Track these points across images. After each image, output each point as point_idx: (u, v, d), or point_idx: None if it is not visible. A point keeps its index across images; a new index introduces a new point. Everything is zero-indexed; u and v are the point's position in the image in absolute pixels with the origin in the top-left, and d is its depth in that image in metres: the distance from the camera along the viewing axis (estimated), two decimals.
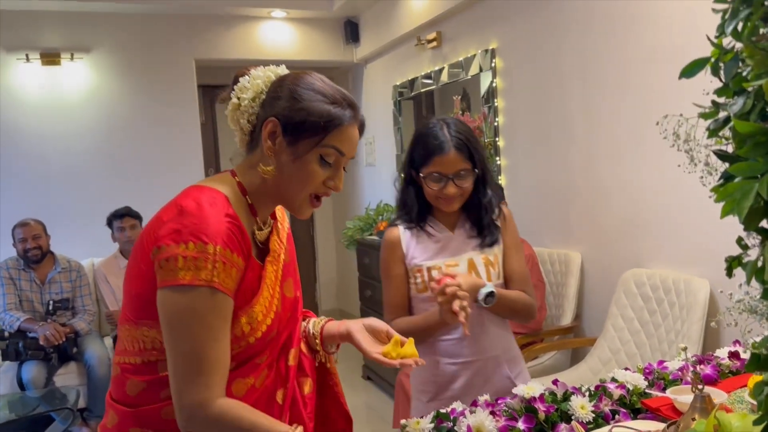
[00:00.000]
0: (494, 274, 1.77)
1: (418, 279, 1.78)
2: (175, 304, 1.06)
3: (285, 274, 1.26)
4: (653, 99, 2.66)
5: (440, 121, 1.75)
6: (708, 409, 0.98)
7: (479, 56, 3.86)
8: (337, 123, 1.15)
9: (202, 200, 1.11)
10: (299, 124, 1.14)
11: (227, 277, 1.08)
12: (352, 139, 1.19)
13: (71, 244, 4.35)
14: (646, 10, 2.67)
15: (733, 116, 0.63)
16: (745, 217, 0.61)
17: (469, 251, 1.77)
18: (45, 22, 4.65)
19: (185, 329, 1.06)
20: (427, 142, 1.72)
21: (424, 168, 1.72)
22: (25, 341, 3.69)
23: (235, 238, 1.10)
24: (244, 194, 1.19)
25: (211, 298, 1.06)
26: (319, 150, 1.15)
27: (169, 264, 1.05)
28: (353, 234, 4.83)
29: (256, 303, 1.15)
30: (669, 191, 2.61)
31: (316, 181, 1.17)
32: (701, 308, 2.40)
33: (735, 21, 0.65)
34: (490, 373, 1.75)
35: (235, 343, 1.13)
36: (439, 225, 1.81)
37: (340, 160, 1.19)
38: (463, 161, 1.70)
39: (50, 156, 4.69)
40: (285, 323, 1.24)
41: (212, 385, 1.06)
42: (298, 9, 5.13)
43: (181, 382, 1.06)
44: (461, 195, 1.73)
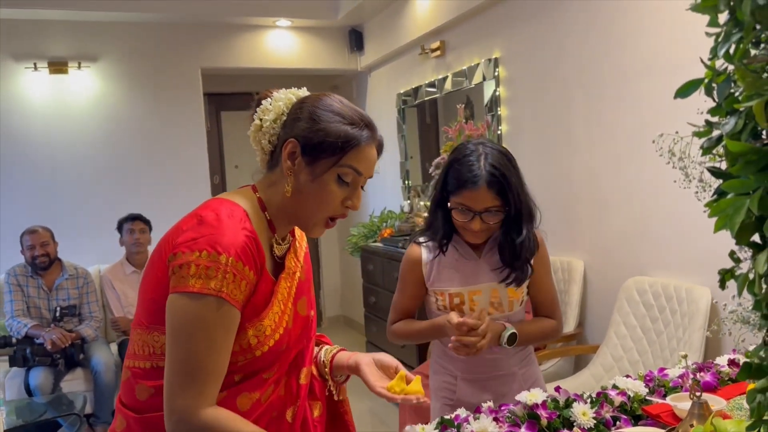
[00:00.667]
0: (516, 303, 1.76)
1: (440, 301, 1.77)
2: (182, 309, 1.08)
3: (299, 292, 1.28)
4: (655, 108, 2.69)
5: (479, 146, 1.66)
6: (705, 415, 1.00)
7: (482, 65, 3.90)
8: (354, 143, 1.18)
9: (222, 212, 1.14)
10: (318, 144, 1.17)
11: (236, 289, 1.10)
12: (370, 158, 1.22)
13: (78, 251, 4.38)
14: (647, 20, 2.70)
15: (725, 135, 0.66)
16: (736, 231, 0.64)
17: (494, 281, 1.73)
18: (52, 31, 4.71)
19: (187, 335, 1.08)
20: (460, 171, 1.64)
21: (453, 197, 1.66)
22: (32, 347, 3.72)
23: (250, 251, 1.12)
24: (264, 210, 1.22)
25: (217, 309, 1.08)
26: (337, 170, 1.18)
27: (182, 270, 1.08)
28: (357, 241, 4.86)
29: (265, 317, 1.16)
30: (671, 200, 2.64)
31: (333, 200, 1.20)
32: (703, 316, 2.42)
33: (727, 44, 0.68)
34: (506, 389, 1.75)
35: (241, 354, 1.15)
36: (465, 248, 1.75)
37: (357, 179, 1.21)
38: (493, 198, 1.62)
39: (57, 164, 4.74)
40: (296, 340, 1.26)
41: (204, 394, 1.08)
42: (303, 18, 5.18)
43: (174, 385, 1.08)
44: (487, 230, 1.67)
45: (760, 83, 0.63)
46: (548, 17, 3.32)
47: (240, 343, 1.14)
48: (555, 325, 1.82)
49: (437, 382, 1.86)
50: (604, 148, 3.02)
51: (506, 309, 1.74)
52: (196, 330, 1.08)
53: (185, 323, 1.08)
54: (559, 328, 1.84)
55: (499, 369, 1.77)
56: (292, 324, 1.24)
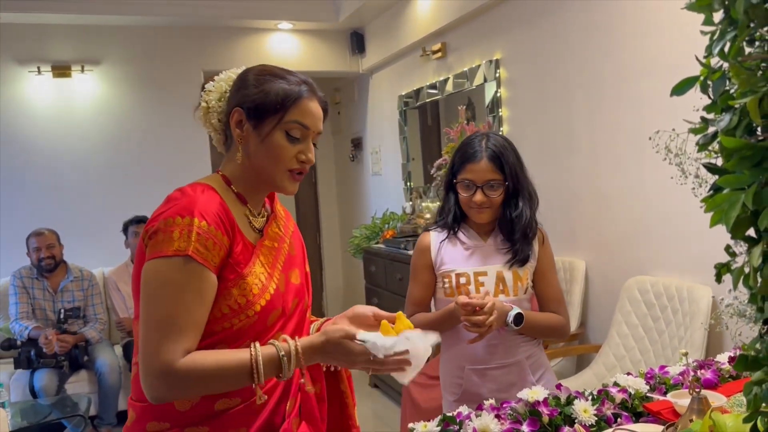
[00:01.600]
0: (521, 289, 1.81)
1: (446, 284, 1.83)
2: (153, 273, 1.13)
3: (290, 263, 1.33)
4: (656, 109, 2.70)
5: (483, 134, 1.83)
6: (704, 411, 1.02)
7: (483, 66, 3.91)
8: (294, 98, 1.23)
9: (186, 188, 1.22)
10: (259, 105, 1.22)
11: (206, 251, 1.13)
12: (314, 112, 1.26)
13: (82, 253, 4.41)
14: (647, 21, 2.71)
15: (720, 132, 0.68)
16: (732, 226, 0.65)
17: (498, 264, 1.81)
18: (56, 35, 4.74)
19: (159, 297, 1.12)
20: (465, 150, 1.81)
21: (458, 175, 1.80)
22: (37, 349, 3.74)
23: (218, 215, 1.17)
24: (229, 184, 1.27)
25: (184, 267, 1.11)
26: (283, 126, 1.22)
27: (152, 240, 1.14)
28: (360, 242, 4.87)
29: (247, 274, 1.19)
30: (671, 199, 2.64)
31: (286, 156, 1.23)
32: (704, 315, 2.42)
33: (722, 42, 0.69)
34: (515, 378, 1.78)
35: (234, 316, 1.18)
36: (471, 232, 1.86)
37: (306, 133, 1.25)
38: (494, 171, 1.76)
39: (61, 166, 4.76)
40: (294, 309, 1.31)
41: (180, 350, 1.10)
42: (305, 21, 5.20)
43: (150, 345, 1.10)
44: (490, 206, 1.78)
45: (755, 80, 0.65)
46: (549, 19, 3.33)
47: (228, 304, 1.17)
48: (562, 321, 1.86)
49: (446, 374, 1.89)
50: (605, 148, 3.03)
51: (511, 292, 1.79)
52: (166, 290, 1.11)
53: (156, 285, 1.12)
54: (565, 325, 1.87)
55: (507, 357, 1.80)
56: (284, 288, 1.28)
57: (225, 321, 1.18)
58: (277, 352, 1.13)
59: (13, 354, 3.85)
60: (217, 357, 1.12)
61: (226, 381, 1.14)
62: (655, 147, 0.75)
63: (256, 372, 1.11)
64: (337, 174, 6.63)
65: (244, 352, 1.13)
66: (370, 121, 5.77)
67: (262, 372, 1.12)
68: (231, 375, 1.12)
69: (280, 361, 1.13)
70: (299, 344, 1.16)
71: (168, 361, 1.08)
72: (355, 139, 6.03)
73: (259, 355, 1.12)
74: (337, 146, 6.57)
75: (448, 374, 1.88)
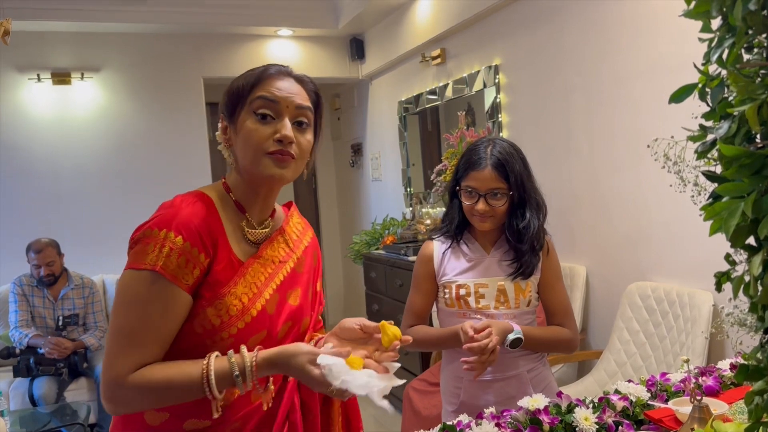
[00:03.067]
0: (523, 302, 1.77)
1: (447, 294, 1.80)
2: (122, 285, 1.11)
3: (291, 282, 1.26)
4: (656, 113, 2.70)
5: (489, 140, 1.77)
6: (706, 419, 1.01)
7: (483, 72, 3.91)
8: (255, 80, 1.18)
9: (177, 198, 1.17)
10: (229, 101, 1.19)
11: (178, 268, 1.09)
12: (281, 86, 1.18)
13: (82, 260, 4.40)
14: (646, 26, 2.71)
15: (719, 140, 0.67)
16: (731, 234, 0.64)
17: (501, 276, 1.77)
18: (56, 42, 4.74)
19: (122, 308, 1.10)
20: (469, 156, 1.76)
21: (462, 182, 1.76)
22: (36, 357, 3.73)
23: (197, 231, 1.12)
24: (228, 192, 1.23)
25: (152, 283, 1.08)
26: (250, 108, 1.17)
27: (131, 250, 1.12)
28: (360, 248, 4.87)
29: (225, 294, 1.14)
30: (672, 205, 2.64)
31: (259, 138, 1.15)
32: (705, 321, 2.42)
33: (720, 49, 0.69)
34: (514, 391, 1.74)
35: (207, 337, 1.13)
36: (474, 244, 1.82)
37: (277, 108, 1.17)
38: (498, 180, 1.70)
39: (61, 174, 4.76)
40: (286, 333, 1.24)
41: (129, 364, 1.07)
42: (305, 27, 5.20)
43: (109, 356, 1.09)
44: (493, 215, 1.73)
45: (753, 87, 0.64)
46: (548, 24, 3.33)
47: (202, 324, 1.13)
48: (568, 335, 1.80)
49: (446, 383, 1.87)
50: (605, 153, 3.02)
51: (512, 305, 1.76)
52: (130, 303, 1.09)
53: (122, 297, 1.10)
54: (572, 339, 1.81)
55: (508, 370, 1.77)
56: (274, 310, 1.21)
57: (199, 341, 1.14)
58: (231, 370, 1.08)
59: (12, 362, 3.84)
60: (167, 371, 1.08)
61: (177, 395, 1.09)
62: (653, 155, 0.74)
63: (208, 388, 1.07)
64: (337, 179, 6.63)
65: (196, 367, 1.08)
66: (370, 127, 5.77)
67: (214, 388, 1.07)
68: (182, 389, 1.08)
69: (234, 379, 1.08)
70: (257, 360, 1.09)
71: (118, 374, 1.07)
72: (355, 145, 6.04)
73: (211, 370, 1.07)
74: (337, 152, 6.57)
75: (448, 384, 1.86)
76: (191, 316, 1.13)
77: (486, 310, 1.76)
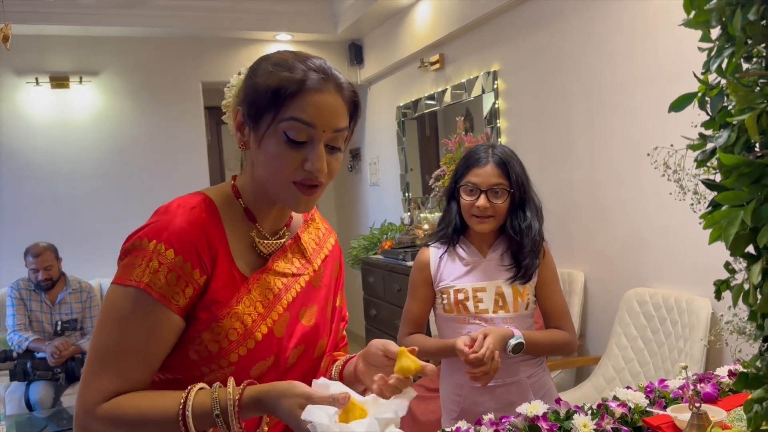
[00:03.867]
0: (522, 305, 1.77)
1: (445, 300, 1.79)
2: (106, 299, 0.99)
3: (306, 299, 1.11)
4: (654, 120, 2.71)
5: (489, 144, 1.82)
6: (705, 426, 1.01)
7: (482, 78, 3.92)
8: (292, 89, 0.96)
9: (174, 203, 1.03)
10: (253, 102, 0.99)
11: (167, 285, 0.96)
12: (321, 105, 0.97)
13: (80, 264, 4.39)
14: (646, 32, 2.72)
15: (718, 148, 0.67)
16: (731, 243, 0.65)
17: (499, 280, 1.76)
18: (54, 46, 4.74)
19: (103, 326, 0.98)
20: (469, 157, 1.78)
21: (461, 179, 1.76)
22: (33, 362, 3.72)
23: (195, 246, 0.98)
24: (238, 197, 1.07)
25: (136, 301, 0.96)
26: (279, 126, 0.97)
27: (121, 261, 1.00)
28: (358, 253, 4.87)
29: (223, 317, 1.00)
30: (671, 211, 2.64)
31: (285, 165, 0.98)
32: (703, 327, 2.42)
33: (719, 59, 0.69)
34: (515, 397, 1.74)
35: (203, 364, 1.01)
36: (471, 248, 1.81)
37: (312, 133, 0.97)
38: (499, 177, 1.72)
39: (59, 177, 4.76)
40: (297, 358, 1.09)
41: (102, 392, 0.95)
42: (303, 32, 5.21)
43: (84, 378, 0.97)
44: (493, 214, 1.73)
45: (752, 97, 0.65)
46: (546, 30, 3.34)
47: (197, 350, 1.00)
48: (567, 337, 1.80)
49: (446, 390, 1.87)
50: (604, 159, 3.03)
51: (511, 309, 1.75)
52: (112, 321, 0.97)
53: (104, 315, 0.98)
54: (571, 341, 1.81)
55: (508, 376, 1.76)
56: (284, 332, 1.06)
57: (195, 369, 1.01)
58: (211, 408, 0.92)
59: (9, 366, 3.82)
60: (141, 403, 0.94)
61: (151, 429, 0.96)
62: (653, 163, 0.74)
63: (184, 427, 0.92)
64: (336, 184, 6.63)
65: (174, 400, 0.94)
66: (368, 132, 5.78)
67: (191, 428, 0.92)
68: (157, 425, 0.94)
69: (214, 418, 0.92)
70: (243, 398, 0.93)
71: (87, 402, 0.95)
72: (353, 150, 6.04)
73: (189, 406, 0.93)
74: None
75: (448, 392, 1.85)
76: (185, 342, 1.00)
77: (484, 314, 1.76)
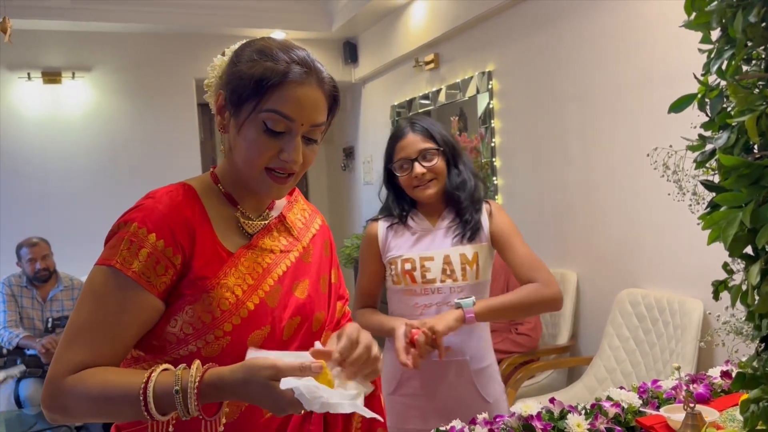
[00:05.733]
0: (471, 273, 1.71)
1: (393, 271, 1.77)
2: (87, 280, 1.02)
3: (297, 272, 1.14)
4: (649, 121, 2.72)
5: (407, 120, 1.81)
6: (699, 426, 1.01)
7: (476, 78, 3.93)
8: (274, 80, 0.99)
9: (157, 190, 1.07)
10: (235, 88, 1.02)
11: (145, 267, 0.98)
12: (302, 100, 1.01)
13: (71, 261, 4.36)
14: (640, 34, 2.73)
15: (718, 150, 0.68)
16: (729, 243, 0.65)
17: (447, 247, 1.73)
18: (47, 41, 4.72)
19: (79, 304, 1.00)
20: (392, 136, 1.80)
21: (392, 161, 1.77)
22: (23, 358, 3.69)
23: (171, 228, 1.00)
24: (217, 183, 1.11)
25: (110, 279, 0.98)
26: (259, 116, 1.00)
27: (105, 244, 1.03)
28: (351, 252, 4.86)
29: (212, 287, 1.02)
30: (664, 213, 2.66)
31: (261, 153, 1.01)
32: (695, 328, 2.43)
33: (720, 60, 0.69)
34: (453, 377, 1.72)
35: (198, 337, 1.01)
36: (420, 217, 1.80)
37: (291, 126, 1.01)
38: (424, 141, 1.72)
39: (51, 173, 4.73)
40: (295, 331, 1.11)
41: (69, 363, 0.95)
42: (298, 30, 5.21)
43: (55, 354, 0.98)
44: (433, 178, 1.72)
45: (752, 98, 0.65)
46: (542, 31, 3.35)
47: (192, 323, 1.01)
48: (540, 289, 1.64)
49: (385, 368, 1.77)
50: (598, 160, 3.04)
51: (459, 277, 1.71)
52: (87, 299, 0.99)
53: (83, 293, 1.00)
54: (548, 293, 1.65)
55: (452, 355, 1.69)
56: (277, 303, 1.08)
57: (189, 343, 1.01)
58: (173, 386, 0.90)
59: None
60: (104, 379, 0.94)
61: (114, 408, 0.94)
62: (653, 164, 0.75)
63: (144, 403, 0.90)
64: (329, 183, 6.62)
65: (137, 377, 0.92)
66: (362, 131, 5.77)
67: (152, 405, 0.90)
68: (120, 401, 0.92)
69: (174, 395, 0.90)
70: (204, 376, 0.91)
71: (57, 372, 0.95)
72: (347, 149, 6.03)
73: (150, 384, 0.91)
74: (329, 155, 6.57)
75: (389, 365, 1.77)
76: (173, 320, 1.01)
77: (432, 285, 1.72)
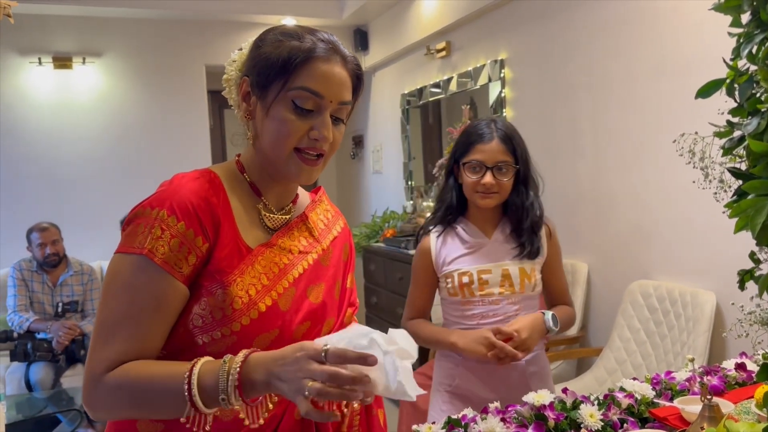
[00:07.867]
0: (528, 286, 1.75)
1: (449, 284, 1.77)
2: (110, 270, 0.99)
3: (313, 276, 1.11)
4: (661, 110, 2.69)
5: (490, 119, 1.76)
6: (717, 418, 1.00)
7: (488, 66, 3.89)
8: (301, 57, 0.99)
9: (177, 176, 1.04)
10: (262, 71, 1.01)
11: (171, 252, 0.96)
12: (329, 76, 1.01)
13: (81, 246, 4.38)
14: (654, 22, 2.69)
15: (747, 136, 0.66)
16: (758, 232, 0.63)
17: (505, 259, 1.74)
18: (57, 26, 4.71)
19: (108, 296, 0.97)
20: (471, 133, 1.73)
21: (464, 157, 1.72)
22: (33, 342, 3.72)
23: (197, 214, 0.98)
24: (242, 172, 1.09)
25: (141, 268, 0.96)
26: (288, 94, 1.00)
27: (123, 232, 1.00)
28: (360, 241, 4.86)
29: (229, 284, 0.99)
30: (676, 203, 2.63)
31: (291, 131, 1.00)
32: (707, 320, 2.41)
33: (750, 45, 0.67)
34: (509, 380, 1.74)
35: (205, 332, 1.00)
36: (472, 228, 1.78)
37: (320, 103, 1.01)
38: (505, 153, 1.69)
39: (61, 159, 4.74)
40: (304, 335, 1.08)
41: (108, 359, 0.94)
42: (308, 17, 5.17)
43: (91, 349, 0.97)
44: (499, 191, 1.71)
45: None
46: (555, 19, 3.31)
47: (202, 316, 0.99)
48: (573, 311, 1.87)
49: (440, 370, 1.84)
50: (610, 150, 3.01)
51: (517, 289, 1.73)
52: (117, 291, 0.96)
53: (110, 284, 0.98)
54: (574, 314, 1.90)
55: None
56: (289, 306, 1.06)
57: (195, 336, 1.00)
58: (218, 375, 0.89)
59: (9, 346, 3.83)
60: (146, 370, 0.93)
61: (156, 399, 0.93)
62: (679, 150, 0.73)
63: (188, 393, 0.89)
64: (338, 171, 6.61)
65: (180, 367, 0.92)
66: (372, 119, 5.75)
67: (196, 395, 0.89)
68: (162, 391, 0.92)
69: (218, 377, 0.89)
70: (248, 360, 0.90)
71: (94, 371, 0.94)
72: (356, 137, 6.01)
73: (195, 373, 0.90)
74: None
75: (442, 370, 1.82)
76: (187, 311, 0.99)
77: (490, 297, 1.74)
